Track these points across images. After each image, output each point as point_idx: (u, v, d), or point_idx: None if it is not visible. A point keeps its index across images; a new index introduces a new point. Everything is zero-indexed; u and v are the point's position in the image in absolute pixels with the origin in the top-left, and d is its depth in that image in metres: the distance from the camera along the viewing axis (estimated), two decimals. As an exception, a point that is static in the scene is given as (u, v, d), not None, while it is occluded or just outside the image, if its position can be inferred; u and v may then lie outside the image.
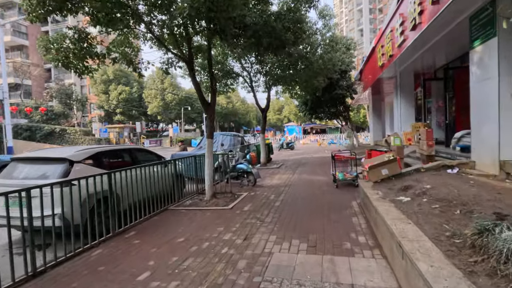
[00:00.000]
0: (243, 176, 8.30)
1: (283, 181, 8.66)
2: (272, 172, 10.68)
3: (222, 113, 48.89)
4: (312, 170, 10.66)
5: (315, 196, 6.55)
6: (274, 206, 5.87)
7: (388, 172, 5.36)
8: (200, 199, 6.86)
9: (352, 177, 7.33)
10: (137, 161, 6.31)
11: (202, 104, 6.57)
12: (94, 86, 38.01)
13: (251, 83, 12.56)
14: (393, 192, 4.34)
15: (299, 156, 17.02)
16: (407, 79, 9.78)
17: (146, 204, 5.49)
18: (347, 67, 14.05)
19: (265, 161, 12.67)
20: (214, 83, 6.58)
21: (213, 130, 6.73)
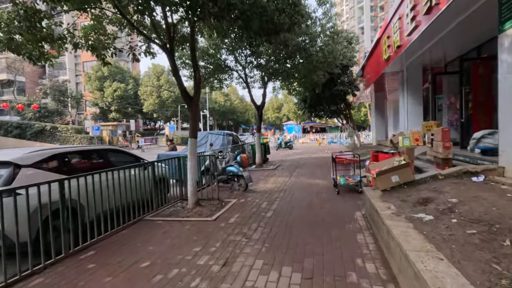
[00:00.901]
0: (233, 180, 7.47)
1: (278, 185, 7.83)
2: (267, 175, 9.85)
3: (220, 111, 48.03)
4: (311, 173, 9.84)
5: (313, 204, 5.72)
6: (265, 217, 5.04)
7: (399, 179, 4.53)
8: (183, 206, 6.03)
9: (355, 182, 6.51)
10: (109, 163, 5.48)
11: (184, 98, 5.74)
12: (88, 83, 37.11)
13: (245, 78, 11.72)
14: (409, 206, 3.51)
15: (297, 156, 16.19)
16: (415, 74, 8.94)
17: (116, 215, 4.67)
18: (348, 62, 13.20)
19: (260, 161, 11.86)
20: (197, 74, 5.74)
21: (197, 128, 5.90)
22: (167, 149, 11.16)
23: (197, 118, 5.89)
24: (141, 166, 5.53)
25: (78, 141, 25.06)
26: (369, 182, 6.43)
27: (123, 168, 4.98)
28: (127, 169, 5.09)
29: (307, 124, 41.03)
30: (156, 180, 5.90)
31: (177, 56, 10.26)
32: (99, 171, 4.45)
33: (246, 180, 7.08)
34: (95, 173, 4.38)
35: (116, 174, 4.76)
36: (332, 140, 28.76)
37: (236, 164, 7.38)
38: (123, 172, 4.93)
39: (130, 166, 5.19)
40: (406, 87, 9.09)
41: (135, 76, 41.24)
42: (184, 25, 6.83)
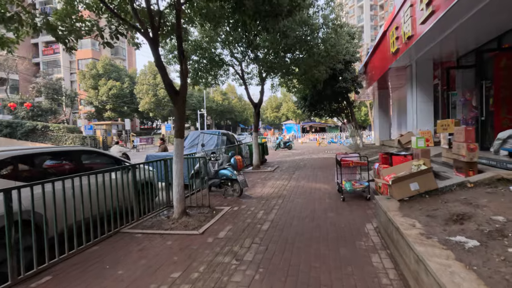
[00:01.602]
0: (227, 184, 6.76)
1: (277, 190, 7.11)
2: (264, 177, 9.14)
3: (217, 110, 47.27)
4: (312, 175, 9.13)
5: (316, 214, 5.01)
6: (261, 230, 4.32)
7: (419, 188, 3.83)
8: (169, 215, 5.32)
9: (363, 188, 5.81)
10: (81, 167, 4.76)
11: (169, 93, 5.02)
12: (82, 81, 36.27)
13: (242, 74, 11.00)
14: (439, 224, 2.80)
15: (297, 157, 15.49)
16: (425, 68, 8.23)
17: (86, 228, 3.94)
18: (351, 58, 12.49)
19: (258, 163, 11.15)
20: (184, 65, 5.02)
21: (183, 127, 5.17)
22: (158, 150, 10.43)
23: (184, 115, 5.16)
24: (119, 170, 4.80)
25: (70, 141, 24.26)
26: (379, 188, 5.74)
27: (96, 173, 4.26)
28: (102, 174, 4.38)
29: (306, 124, 40.37)
30: (138, 186, 5.18)
31: (168, 49, 9.53)
32: (62, 177, 3.73)
33: (240, 184, 6.37)
34: (57, 180, 3.66)
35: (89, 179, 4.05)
36: (332, 140, 28.09)
37: (229, 166, 6.66)
38: (96, 177, 4.22)
39: (105, 170, 4.47)
40: (415, 83, 8.39)
41: (131, 74, 40.41)
42: (173, 12, 6.12)
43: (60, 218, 3.69)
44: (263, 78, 11.10)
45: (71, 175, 3.85)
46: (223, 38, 9.12)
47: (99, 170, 4.35)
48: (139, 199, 5.34)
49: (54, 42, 44.59)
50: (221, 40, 9.22)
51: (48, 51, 44.25)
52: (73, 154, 4.70)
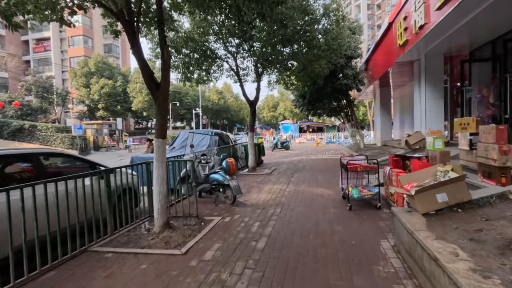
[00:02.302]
0: (218, 190, 6.03)
1: (274, 197, 6.40)
2: (261, 181, 8.43)
3: (213, 109, 46.43)
4: (312, 179, 8.43)
5: (321, 227, 4.30)
6: (256, 250, 3.60)
7: (448, 199, 3.14)
8: (149, 228, 4.58)
9: (372, 194, 5.12)
10: (42, 173, 4.00)
11: (149, 86, 4.27)
12: (74, 79, 35.22)
13: (237, 70, 10.27)
14: (491, 254, 2.11)
15: (295, 157, 14.80)
16: (436, 63, 7.58)
17: (43, 247, 3.20)
18: (353, 53, 11.82)
19: (254, 164, 10.43)
20: (166, 53, 4.28)
21: (165, 125, 4.43)
22: (145, 151, 9.66)
23: (166, 112, 4.43)
24: (87, 176, 4.05)
25: (59, 141, 23.28)
26: (390, 195, 5.06)
27: (56, 180, 3.51)
28: (65, 181, 3.63)
29: (303, 124, 39.75)
30: (114, 194, 4.44)
31: (156, 42, 8.76)
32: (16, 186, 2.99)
33: (233, 191, 5.64)
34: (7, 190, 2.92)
35: (45, 188, 3.30)
36: (330, 140, 27.48)
37: (221, 170, 5.93)
38: (56, 185, 3.47)
39: (70, 177, 3.72)
40: (424, 78, 7.74)
41: (125, 73, 39.41)
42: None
43: (4, 238, 2.95)
44: (259, 74, 10.39)
45: (20, 184, 3.09)
46: (216, 30, 8.39)
47: (59, 178, 3.59)
48: (116, 209, 4.60)
49: (45, 39, 43.44)
50: (213, 32, 8.47)
51: (39, 48, 43.05)
52: (30, 158, 3.93)
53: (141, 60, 4.18)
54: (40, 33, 43.03)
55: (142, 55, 4.17)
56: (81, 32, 41.74)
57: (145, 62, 4.23)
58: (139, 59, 4.17)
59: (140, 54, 4.16)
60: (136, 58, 4.20)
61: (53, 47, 42.50)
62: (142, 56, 4.16)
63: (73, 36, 42.26)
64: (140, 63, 4.20)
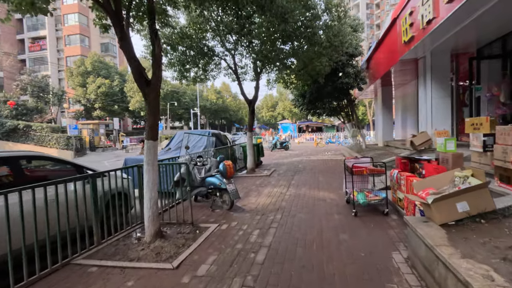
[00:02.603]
0: (215, 194, 5.69)
1: (274, 201, 6.07)
2: (260, 183, 8.09)
3: (211, 109, 46.04)
4: (313, 181, 8.11)
5: (326, 237, 3.97)
6: (255, 264, 3.26)
7: (469, 209, 2.82)
8: (140, 237, 4.23)
9: (379, 199, 4.80)
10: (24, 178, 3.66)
11: (138, 83, 3.93)
12: (70, 79, 34.75)
13: (235, 68, 9.93)
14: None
15: (294, 158, 14.48)
16: (442, 60, 7.27)
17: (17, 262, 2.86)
18: (354, 51, 11.50)
19: (253, 166, 10.10)
20: (157, 45, 3.93)
21: (156, 125, 4.09)
22: (139, 152, 9.30)
23: (157, 112, 4.08)
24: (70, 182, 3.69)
25: (54, 141, 22.85)
26: (398, 201, 4.74)
27: (33, 187, 3.16)
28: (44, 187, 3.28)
29: (302, 123, 39.45)
30: (101, 200, 4.09)
31: (150, 39, 8.38)
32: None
33: (231, 195, 5.30)
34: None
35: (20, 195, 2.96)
36: (330, 140, 27.18)
37: (218, 173, 5.59)
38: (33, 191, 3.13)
39: (49, 183, 3.37)
40: (429, 77, 7.43)
41: (122, 72, 38.95)
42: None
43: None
44: (258, 72, 10.05)
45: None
46: (213, 26, 8.04)
47: (37, 184, 3.24)
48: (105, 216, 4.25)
49: (41, 38, 42.90)
50: (210, 28, 8.12)
51: (35, 47, 42.52)
52: (7, 162, 3.58)
53: (130, 55, 3.84)
54: (36, 32, 42.53)
55: (131, 49, 3.82)
56: (77, 31, 41.25)
57: (134, 57, 3.88)
58: (128, 53, 3.82)
59: (129, 48, 3.81)
60: (125, 53, 3.85)
61: (49, 46, 41.99)
62: (131, 51, 3.81)
63: (69, 35, 41.76)
64: (129, 58, 3.85)
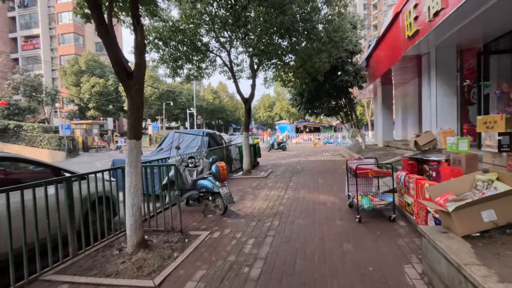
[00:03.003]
0: (207, 198, 5.27)
1: (271, 205, 5.66)
2: (256, 185, 7.68)
3: (208, 109, 45.57)
4: (312, 183, 7.72)
5: (328, 247, 3.57)
6: (249, 280, 2.86)
7: (497, 218, 2.44)
8: (121, 247, 3.81)
9: (385, 204, 4.41)
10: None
11: (119, 75, 3.51)
12: (63, 78, 34.10)
13: (231, 65, 9.52)
14: None
15: (292, 159, 14.10)
16: (448, 56, 6.93)
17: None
18: (354, 48, 11.15)
19: (249, 167, 9.68)
20: (139, 34, 3.51)
21: (140, 123, 3.67)
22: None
23: (141, 107, 3.66)
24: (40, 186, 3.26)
25: (45, 141, 22.27)
26: (406, 206, 4.36)
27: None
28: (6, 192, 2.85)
29: (300, 124, 39.12)
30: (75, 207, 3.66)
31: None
32: None
33: (224, 200, 4.89)
34: None
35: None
36: (328, 140, 26.86)
37: (210, 176, 5.18)
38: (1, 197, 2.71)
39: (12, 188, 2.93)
40: (434, 74, 7.08)
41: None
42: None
43: None
44: (254, 70, 9.66)
45: None
46: (207, 21, 7.62)
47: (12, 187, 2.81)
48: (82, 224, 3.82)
49: (34, 37, 42.17)
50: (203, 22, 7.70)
51: (28, 46, 41.78)
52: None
53: (109, 43, 3.41)
54: (29, 30, 41.79)
55: (110, 36, 3.39)
56: (71, 30, 40.60)
57: (114, 45, 3.46)
58: (107, 41, 3.39)
59: (108, 35, 3.38)
60: (103, 41, 3.42)
61: (43, 45, 41.27)
62: (110, 38, 3.38)
63: (63, 34, 41.08)
64: (108, 46, 3.43)
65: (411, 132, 12.63)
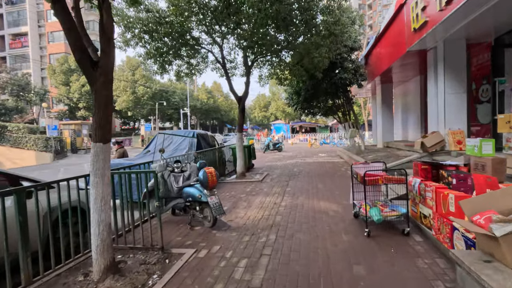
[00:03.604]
0: (194, 208, 4.65)
1: (267, 214, 5.07)
2: (250, 190, 7.09)
3: (202, 109, 44.81)
4: (311, 188, 7.15)
5: (335, 269, 2.98)
6: (239, 322, 2.25)
7: (560, 244, 1.87)
8: (87, 272, 3.17)
9: (397, 215, 3.84)
10: None
11: (80, 63, 2.88)
12: (52, 77, 33.06)
13: (223, 61, 8.92)
14: None
15: (289, 160, 13.53)
16: (457, 50, 6.43)
17: None
18: (354, 44, 10.62)
19: (243, 170, 9.07)
20: (106, 17, 2.88)
21: (108, 124, 3.03)
22: (114, 155, 8.18)
23: (109, 103, 3.04)
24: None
25: (31, 143, 21.33)
26: (421, 217, 3.80)
27: None
28: None
29: (296, 124, 38.65)
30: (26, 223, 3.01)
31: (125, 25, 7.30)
32: None
33: (213, 211, 4.28)
34: None
35: None
36: (324, 141, 26.39)
37: (198, 183, 4.56)
38: None
39: None
40: (442, 69, 6.58)
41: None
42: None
43: None
44: (248, 66, 9.06)
45: None
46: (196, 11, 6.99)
47: None
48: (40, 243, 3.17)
49: (22, 35, 40.94)
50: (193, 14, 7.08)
51: (16, 44, 40.56)
52: None
53: (67, 23, 2.78)
54: (17, 28, 40.58)
55: (67, 14, 2.76)
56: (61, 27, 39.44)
57: (74, 26, 2.83)
58: (64, 21, 2.77)
59: (65, 13, 2.75)
60: (60, 21, 2.80)
61: (31, 43, 40.11)
62: (67, 16, 2.76)
63: (53, 32, 39.94)
64: (66, 27, 2.80)
65: (411, 133, 12.16)
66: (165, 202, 5.02)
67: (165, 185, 4.92)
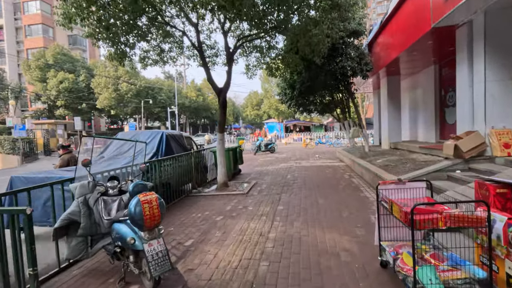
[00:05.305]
0: (127, 256, 2.92)
1: (246, 257, 3.36)
2: (231, 209, 5.38)
3: (191, 107, 42.79)
4: (310, 206, 5.47)
5: None
6: None
7: None
8: None
9: (465, 278, 2.19)
10: None
11: None
12: (27, 73, 30.65)
13: (199, 44, 7.18)
14: None
15: (282, 164, 11.84)
16: (504, 21, 4.84)
17: None
18: (358, 27, 8.97)
19: (225, 179, 7.28)
20: None
21: None
22: (56, 164, 6.35)
23: None
24: None
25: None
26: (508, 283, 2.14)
27: None
28: None
29: (289, 123, 37.01)
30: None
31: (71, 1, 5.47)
32: None
33: (151, 267, 2.55)
34: None
35: None
36: (320, 140, 24.85)
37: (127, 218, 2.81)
38: None
39: None
40: (482, 49, 5.01)
41: (91, 67, 34.99)
42: None
43: None
44: (230, 52, 7.35)
45: None
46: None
47: None
48: None
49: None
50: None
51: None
52: None
53: None
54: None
55: None
56: (39, 21, 36.95)
57: None
58: None
59: None
60: None
61: (7, 37, 37.42)
62: None
63: (30, 25, 37.37)
64: None
65: (422, 132, 10.63)
66: (91, 242, 3.29)
67: (89, 216, 3.19)
